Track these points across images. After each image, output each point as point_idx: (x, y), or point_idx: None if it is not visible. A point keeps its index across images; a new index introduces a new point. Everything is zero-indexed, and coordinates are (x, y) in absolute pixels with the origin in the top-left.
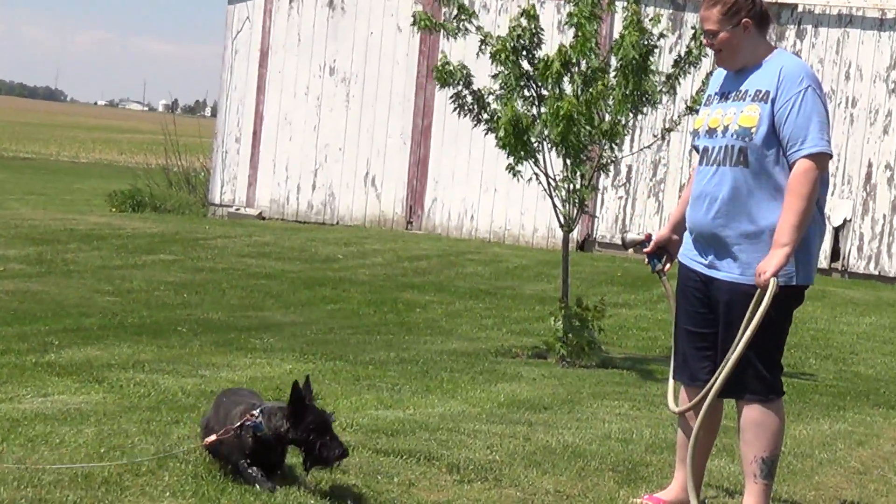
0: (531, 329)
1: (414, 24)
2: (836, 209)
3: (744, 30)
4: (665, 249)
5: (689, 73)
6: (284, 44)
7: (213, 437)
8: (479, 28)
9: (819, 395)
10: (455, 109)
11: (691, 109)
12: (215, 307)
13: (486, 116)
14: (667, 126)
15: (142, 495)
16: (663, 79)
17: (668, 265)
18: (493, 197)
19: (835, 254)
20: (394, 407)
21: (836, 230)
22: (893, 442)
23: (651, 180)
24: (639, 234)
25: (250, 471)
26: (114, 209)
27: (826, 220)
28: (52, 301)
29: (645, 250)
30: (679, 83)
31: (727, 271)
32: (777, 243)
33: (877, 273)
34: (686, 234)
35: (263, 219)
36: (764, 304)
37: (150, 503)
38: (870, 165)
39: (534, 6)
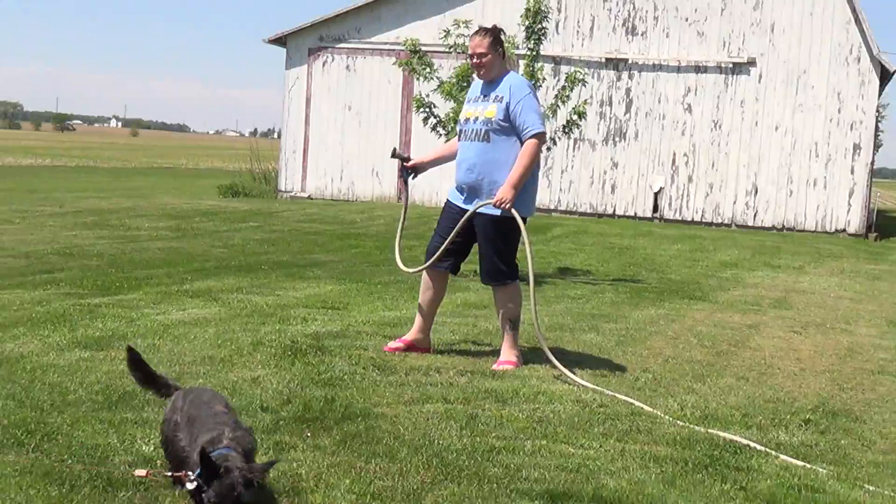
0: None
1: (398, 65)
2: (656, 181)
3: (500, 55)
4: (417, 169)
5: (565, 101)
6: (320, 91)
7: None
8: (436, 73)
9: (648, 293)
10: (425, 125)
11: (565, 127)
12: (284, 253)
13: (443, 131)
14: (551, 136)
15: (243, 368)
16: (551, 101)
17: (413, 177)
18: (450, 181)
19: (655, 208)
20: (393, 310)
21: (656, 194)
22: (693, 319)
23: (544, 167)
24: (403, 152)
25: None
26: (221, 196)
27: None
28: (186, 254)
29: (407, 164)
30: (559, 107)
31: (485, 209)
32: (512, 185)
33: (680, 219)
34: (454, 184)
35: (311, 199)
36: (524, 233)
37: (248, 371)
38: (674, 155)
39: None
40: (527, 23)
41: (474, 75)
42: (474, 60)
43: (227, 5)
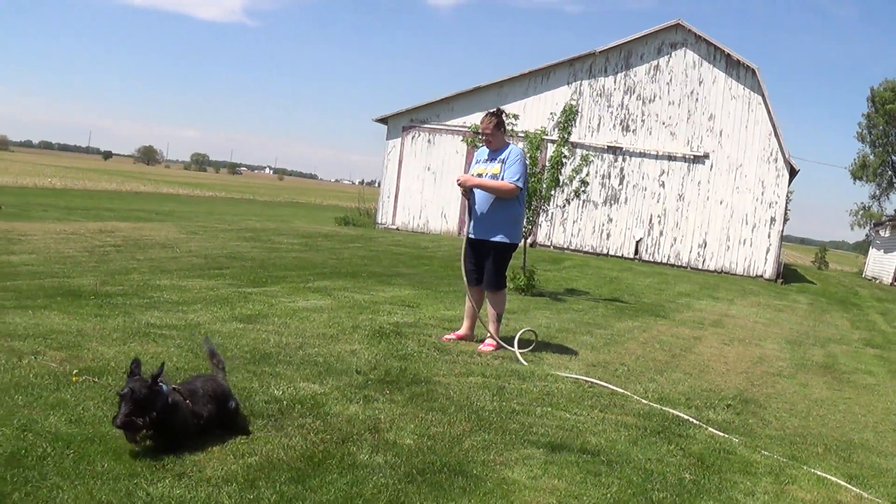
0: (514, 277)
1: (463, 140)
2: (637, 233)
3: (501, 132)
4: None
5: (578, 173)
6: (409, 156)
7: None
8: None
9: (628, 310)
10: None
11: (577, 191)
12: (377, 266)
13: None
14: (566, 197)
15: (345, 343)
16: (569, 173)
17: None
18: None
19: (636, 252)
20: (451, 310)
21: (637, 242)
22: (657, 331)
23: (561, 217)
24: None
25: None
26: (337, 224)
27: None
28: (311, 262)
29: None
30: (573, 179)
31: (487, 237)
32: (476, 183)
33: (653, 260)
34: (470, 222)
35: (398, 230)
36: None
37: (348, 346)
38: (651, 215)
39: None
40: (561, 119)
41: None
42: (483, 137)
43: (346, 94)
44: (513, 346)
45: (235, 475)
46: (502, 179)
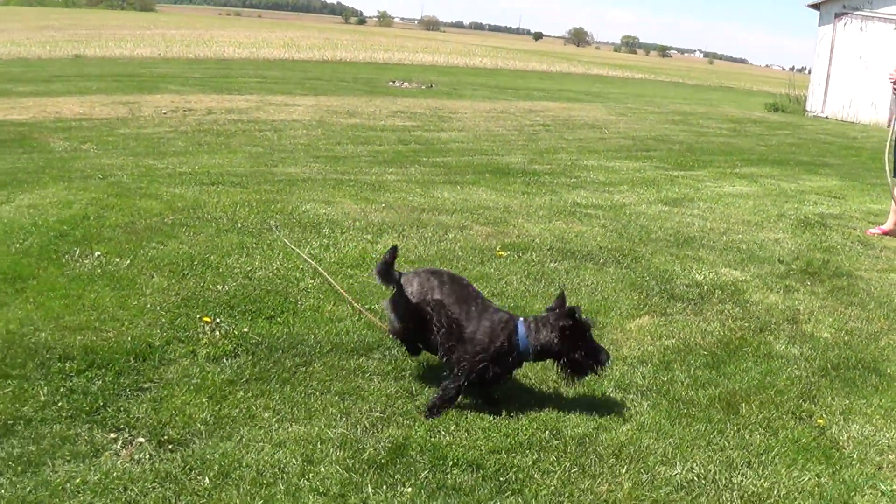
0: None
1: None
2: None
3: None
4: None
5: None
6: (840, 43)
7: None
8: None
9: None
10: None
11: None
12: (804, 155)
13: None
14: None
15: (769, 231)
16: None
17: None
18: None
19: None
20: (877, 203)
21: None
22: None
23: None
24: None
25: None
26: (766, 110)
27: None
28: (738, 147)
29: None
30: None
31: None
32: None
33: None
34: None
35: (827, 119)
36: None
37: (772, 234)
38: None
39: None
40: None
41: None
42: None
43: None
44: None
45: (651, 356)
46: None
